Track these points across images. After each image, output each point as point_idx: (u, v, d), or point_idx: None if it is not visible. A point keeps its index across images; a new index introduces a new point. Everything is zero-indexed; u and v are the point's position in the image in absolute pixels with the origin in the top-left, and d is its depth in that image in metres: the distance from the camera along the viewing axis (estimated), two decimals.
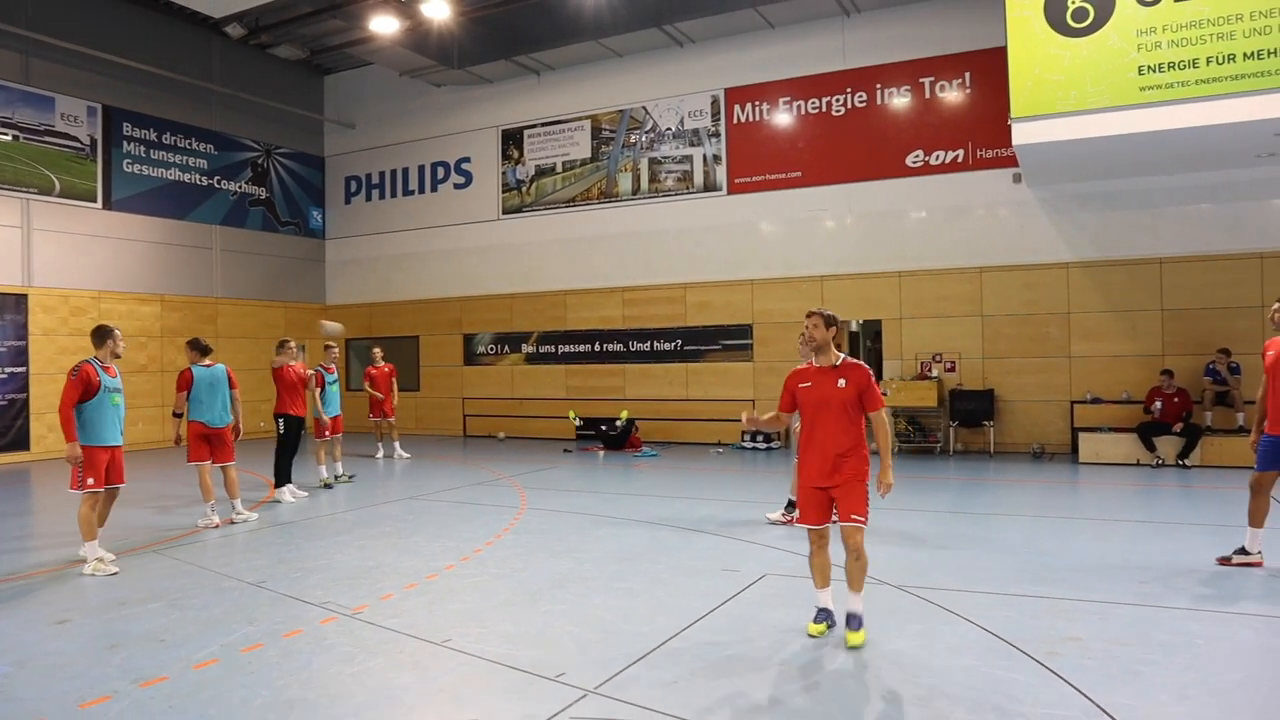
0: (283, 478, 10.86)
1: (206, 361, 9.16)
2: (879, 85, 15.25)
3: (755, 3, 14.79)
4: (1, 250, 15.52)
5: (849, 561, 5.08)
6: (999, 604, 5.78)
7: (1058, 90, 10.96)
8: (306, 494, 11.05)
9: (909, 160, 14.99)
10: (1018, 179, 13.94)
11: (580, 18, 15.61)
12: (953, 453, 14.32)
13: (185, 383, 9.01)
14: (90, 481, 7.15)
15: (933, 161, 14.84)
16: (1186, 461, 12.10)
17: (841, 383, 5.14)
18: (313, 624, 5.55)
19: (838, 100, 15.58)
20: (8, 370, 15.31)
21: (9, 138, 15.60)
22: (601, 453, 15.81)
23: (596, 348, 18.01)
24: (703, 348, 16.69)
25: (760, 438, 15.65)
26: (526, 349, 18.93)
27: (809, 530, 5.28)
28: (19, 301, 15.63)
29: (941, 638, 5.12)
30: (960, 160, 14.62)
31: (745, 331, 16.27)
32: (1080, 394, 13.78)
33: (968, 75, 14.56)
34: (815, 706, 4.19)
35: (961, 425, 14.25)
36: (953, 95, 14.74)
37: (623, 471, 13.35)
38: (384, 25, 15.13)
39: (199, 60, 18.29)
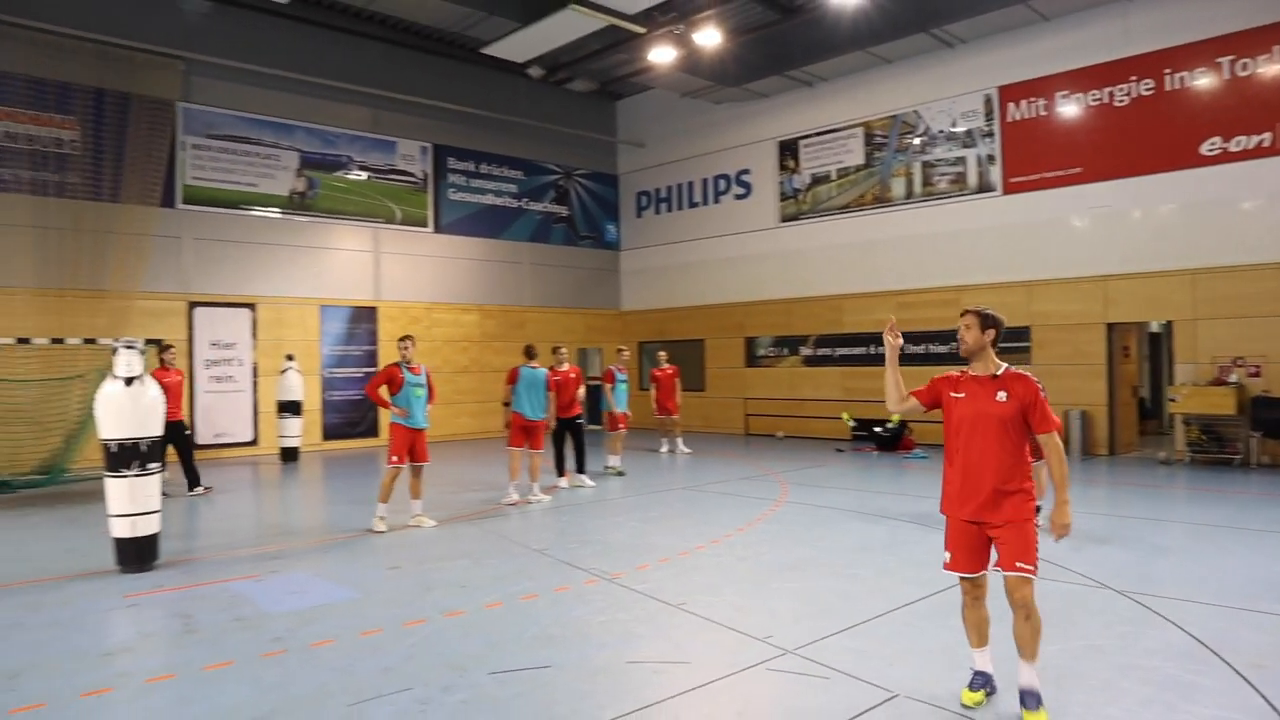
0: (561, 468, 12.28)
1: (533, 364, 10.96)
2: (1168, 70, 14.31)
3: None
4: (358, 271, 18.78)
5: (1017, 623, 4.17)
6: (1220, 615, 5.76)
7: None
8: (594, 484, 12.49)
9: (1204, 148, 13.94)
10: None
11: (846, 29, 16.04)
12: (1255, 465, 13.16)
13: (512, 378, 10.92)
14: (394, 459, 9.06)
15: (1233, 148, 13.70)
16: None
17: (1001, 395, 4.25)
18: (578, 584, 6.76)
19: (1120, 90, 14.80)
20: (364, 370, 18.49)
21: (363, 177, 18.83)
22: (875, 452, 16.18)
23: (871, 350, 18.32)
24: None
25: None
26: (804, 351, 19.61)
27: (961, 580, 4.37)
28: (371, 313, 18.82)
29: (1141, 639, 5.30)
30: (1268, 144, 13.39)
31: (1022, 334, 15.88)
32: None
33: (1277, 49, 13.30)
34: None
35: (1266, 436, 13.07)
36: (1258, 72, 13.50)
37: (887, 472, 13.69)
38: (662, 55, 16.52)
39: (508, 99, 20.81)
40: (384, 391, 9.12)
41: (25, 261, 14.25)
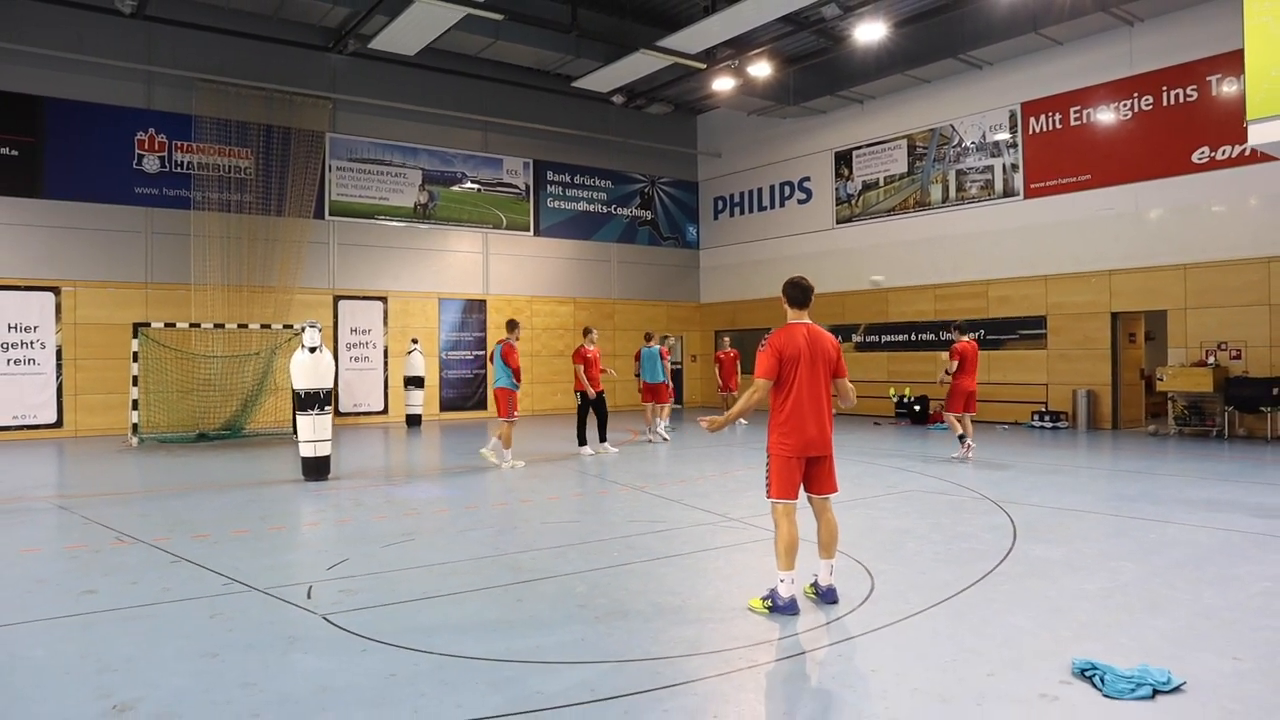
0: (582, 438, 13.75)
1: (649, 344, 15.46)
2: (1165, 87, 16.24)
3: (1037, 27, 16.68)
4: (471, 270, 22.22)
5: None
6: (1044, 513, 8.29)
7: None
8: (617, 449, 14.22)
9: (1194, 157, 15.86)
10: None
11: (884, 56, 18.49)
12: (1228, 437, 15.08)
13: (638, 356, 15.54)
14: (515, 415, 12.03)
15: (1219, 157, 15.59)
16: None
17: None
18: (615, 490, 9.80)
19: (1125, 104, 16.80)
20: (474, 353, 21.94)
21: (475, 190, 22.25)
22: (906, 425, 18.60)
23: (912, 337, 20.67)
24: (1002, 337, 18.68)
25: (1048, 418, 17.39)
26: (856, 338, 22.03)
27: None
28: (481, 305, 22.24)
29: (974, 520, 7.90)
30: (1247, 154, 15.22)
31: (1040, 322, 18.03)
32: None
33: None
34: None
35: (1239, 410, 14.99)
36: (1238, 90, 15.33)
37: (906, 440, 16.10)
38: (722, 85, 19.34)
39: (598, 120, 23.92)
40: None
41: (216, 264, 18.12)
